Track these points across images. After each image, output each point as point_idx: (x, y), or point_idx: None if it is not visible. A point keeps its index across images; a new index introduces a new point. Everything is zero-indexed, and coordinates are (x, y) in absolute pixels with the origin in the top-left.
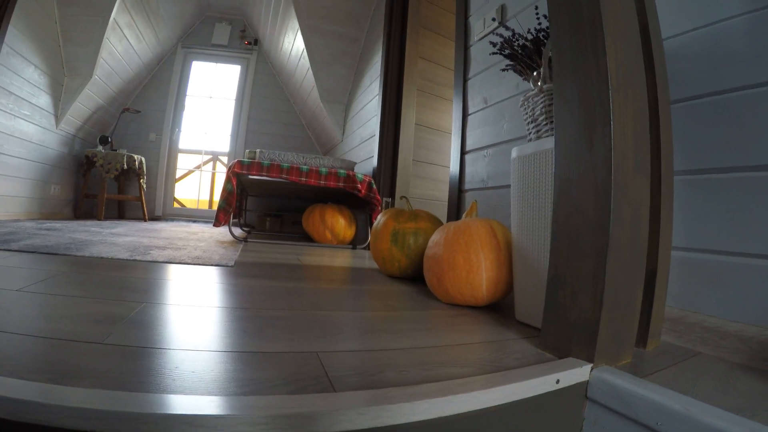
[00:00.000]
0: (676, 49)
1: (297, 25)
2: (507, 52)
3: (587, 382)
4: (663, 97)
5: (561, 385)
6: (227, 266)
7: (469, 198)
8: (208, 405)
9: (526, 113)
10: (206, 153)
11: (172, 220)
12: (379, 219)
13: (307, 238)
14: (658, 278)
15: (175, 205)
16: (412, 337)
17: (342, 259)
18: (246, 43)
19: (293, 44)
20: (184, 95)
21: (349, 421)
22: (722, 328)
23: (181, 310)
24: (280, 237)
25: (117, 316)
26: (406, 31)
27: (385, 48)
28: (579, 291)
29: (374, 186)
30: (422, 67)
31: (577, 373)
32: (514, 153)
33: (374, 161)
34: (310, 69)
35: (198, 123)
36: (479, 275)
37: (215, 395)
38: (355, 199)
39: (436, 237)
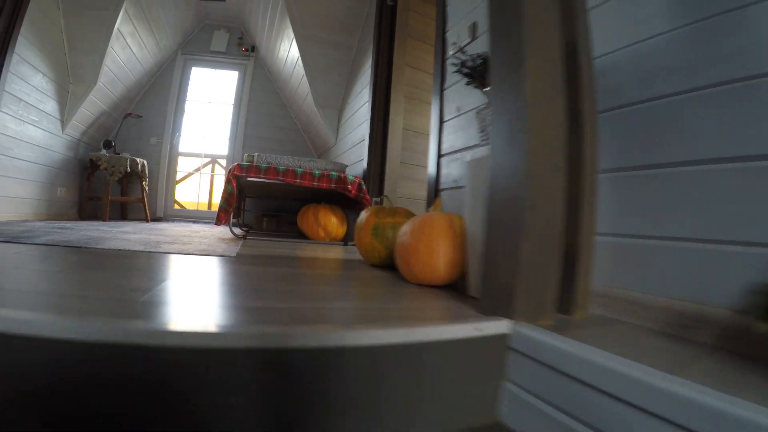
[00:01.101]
0: (611, 65)
1: (292, 34)
2: (466, 71)
3: (509, 335)
4: (589, 107)
5: (483, 333)
6: (231, 256)
7: (444, 196)
8: (227, 325)
9: (479, 123)
10: (205, 156)
11: (173, 220)
12: (362, 215)
13: (302, 236)
14: (580, 257)
15: (176, 206)
16: (383, 303)
17: (333, 253)
18: (243, 50)
19: (288, 52)
20: (184, 100)
21: (335, 340)
22: (643, 301)
23: (200, 285)
24: (277, 235)
25: (147, 287)
26: (394, 41)
27: (374, 57)
28: (502, 264)
29: (364, 187)
30: (409, 74)
31: (496, 326)
32: (467, 157)
33: (364, 164)
34: (305, 76)
35: (197, 127)
36: (438, 258)
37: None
38: (347, 199)
39: (405, 228)
